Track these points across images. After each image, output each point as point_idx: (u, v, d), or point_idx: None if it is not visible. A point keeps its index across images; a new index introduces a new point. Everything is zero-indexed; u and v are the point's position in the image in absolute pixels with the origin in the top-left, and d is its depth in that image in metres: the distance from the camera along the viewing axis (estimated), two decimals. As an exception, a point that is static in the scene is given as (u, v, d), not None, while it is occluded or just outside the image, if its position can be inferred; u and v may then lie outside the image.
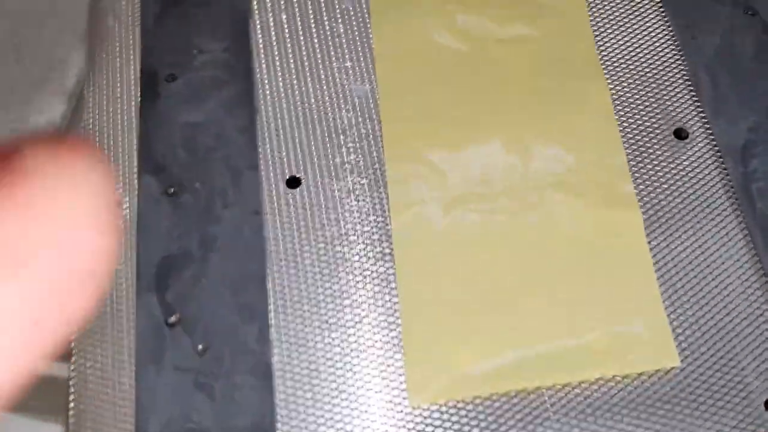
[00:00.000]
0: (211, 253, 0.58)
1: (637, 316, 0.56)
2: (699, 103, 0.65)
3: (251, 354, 0.54)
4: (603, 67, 0.66)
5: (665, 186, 0.61)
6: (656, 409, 0.53)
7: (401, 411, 0.53)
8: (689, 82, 0.66)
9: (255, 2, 0.70)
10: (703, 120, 0.64)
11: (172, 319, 0.56)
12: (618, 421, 0.52)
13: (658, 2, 0.70)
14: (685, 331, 0.56)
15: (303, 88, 0.66)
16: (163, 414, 0.53)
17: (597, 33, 0.68)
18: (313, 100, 0.65)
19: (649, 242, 0.59)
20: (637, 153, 0.63)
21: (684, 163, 0.62)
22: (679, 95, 0.65)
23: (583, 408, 0.53)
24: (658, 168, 0.62)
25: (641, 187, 0.61)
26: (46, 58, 0.93)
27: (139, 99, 0.65)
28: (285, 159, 0.63)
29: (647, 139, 0.63)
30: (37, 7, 0.97)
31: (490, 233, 0.59)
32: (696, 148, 0.63)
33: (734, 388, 0.54)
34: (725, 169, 0.62)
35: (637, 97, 0.65)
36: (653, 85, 0.66)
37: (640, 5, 0.70)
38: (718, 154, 0.62)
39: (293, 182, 0.62)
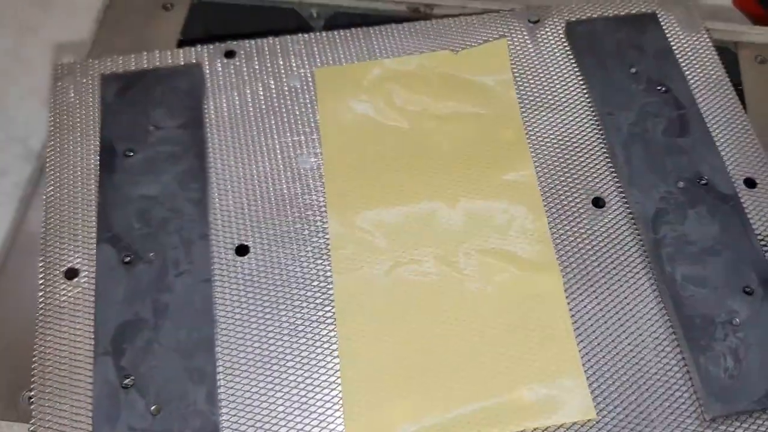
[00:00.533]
0: (164, 320, 0.62)
1: (558, 373, 0.61)
2: (615, 175, 0.71)
3: (200, 414, 0.58)
4: (528, 140, 0.73)
5: (584, 251, 0.67)
6: (574, 460, 0.58)
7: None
8: (607, 155, 0.72)
9: (209, 81, 0.76)
10: (619, 190, 0.70)
11: (127, 381, 0.60)
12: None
13: (581, 82, 0.76)
14: (600, 386, 0.61)
15: (252, 161, 0.71)
16: (116, 473, 0.56)
17: (524, 110, 0.74)
18: (261, 173, 0.71)
19: (569, 302, 0.64)
20: (558, 220, 0.68)
21: (601, 229, 0.68)
22: (598, 167, 0.72)
23: (507, 459, 0.58)
24: (578, 234, 0.68)
25: (562, 251, 0.67)
26: (10, 119, 0.96)
27: (98, 172, 0.69)
28: (234, 228, 0.68)
29: (568, 208, 0.69)
30: (3, 66, 1.00)
31: (425, 296, 0.65)
32: (612, 216, 0.69)
33: (645, 438, 0.59)
34: (639, 235, 0.68)
35: (559, 168, 0.71)
36: (574, 158, 0.72)
37: (565, 84, 0.77)
38: (633, 221, 0.68)
39: (242, 250, 0.67)
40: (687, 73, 0.77)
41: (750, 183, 0.70)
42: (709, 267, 0.65)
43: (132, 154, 0.71)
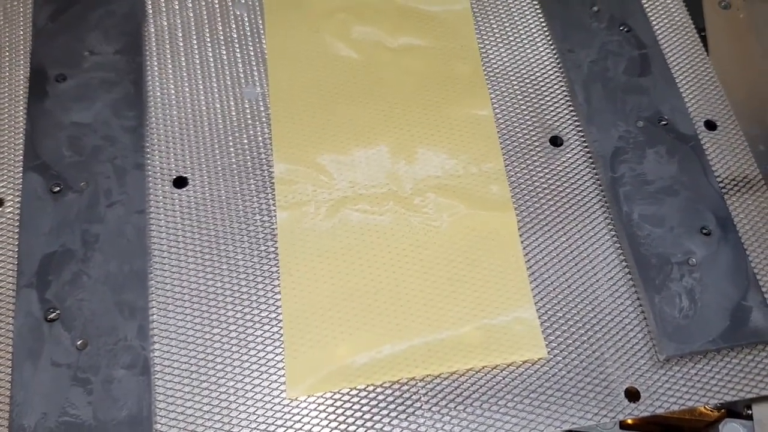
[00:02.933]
0: (94, 252, 0.58)
1: (508, 311, 0.58)
2: (574, 113, 0.68)
3: (130, 349, 0.55)
4: (486, 77, 0.69)
5: (540, 189, 0.64)
6: (523, 398, 0.55)
7: (280, 403, 0.54)
8: (566, 93, 0.69)
9: (149, 6, 0.71)
10: (578, 129, 0.67)
11: (52, 315, 0.56)
12: (486, 410, 0.55)
13: (540, 18, 0.73)
14: (552, 325, 0.58)
15: (194, 90, 0.67)
16: (39, 408, 0.53)
17: (482, 45, 0.71)
18: (203, 102, 0.67)
19: (523, 241, 0.62)
20: (515, 158, 0.66)
21: (558, 168, 0.66)
22: (557, 106, 0.69)
23: (454, 397, 0.55)
24: (534, 172, 0.65)
25: (517, 190, 0.64)
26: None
27: (27, 98, 0.65)
28: (173, 159, 0.64)
29: (524, 146, 0.66)
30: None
31: (373, 234, 0.61)
32: (570, 155, 0.66)
33: (597, 377, 0.56)
34: (596, 174, 0.65)
35: (517, 107, 0.69)
36: (532, 96, 0.69)
37: (524, 21, 0.74)
38: (591, 160, 0.66)
39: (180, 182, 0.63)
40: (650, 14, 0.74)
41: (710, 125, 0.69)
42: (666, 207, 0.63)
43: (64, 79, 0.66)
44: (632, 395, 0.56)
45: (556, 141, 0.67)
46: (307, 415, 0.54)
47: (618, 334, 0.58)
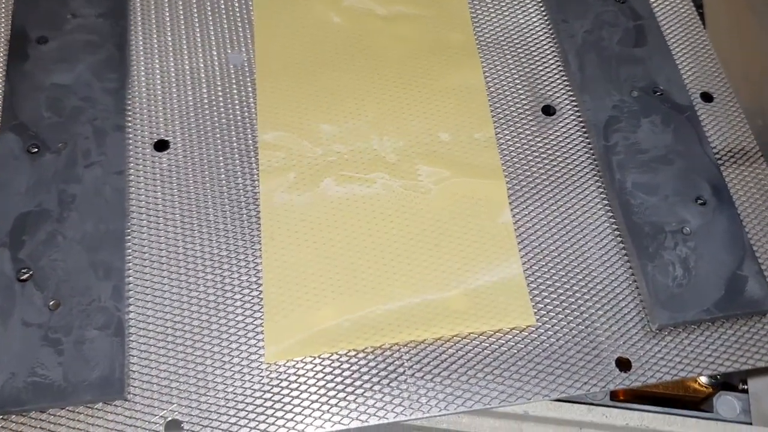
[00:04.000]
0: (70, 212, 0.57)
1: (496, 277, 0.56)
2: (567, 82, 0.67)
3: (104, 310, 0.53)
4: (478, 46, 0.68)
5: (531, 157, 0.63)
6: (510, 365, 0.53)
7: (258, 368, 0.53)
8: (559, 63, 0.68)
9: (134, -30, 0.70)
10: (571, 98, 0.66)
11: (24, 275, 0.54)
12: (471, 376, 0.53)
13: (534, -11, 0.72)
14: (542, 293, 0.57)
15: (178, 54, 0.66)
16: (8, 368, 0.51)
17: (474, 13, 0.70)
18: (187, 66, 0.65)
19: (513, 209, 0.60)
20: (506, 127, 0.64)
21: (550, 137, 0.64)
22: (549, 75, 0.67)
23: (438, 363, 0.53)
24: (525, 141, 0.64)
25: (508, 158, 0.62)
26: None
27: (6, 58, 0.63)
28: (154, 122, 0.62)
29: (516, 115, 0.65)
30: None
31: (358, 199, 0.60)
32: (562, 124, 0.65)
33: (587, 346, 0.55)
34: (589, 142, 0.63)
35: (509, 76, 0.67)
36: (525, 65, 0.68)
37: (517, -9, 0.72)
38: (583, 129, 0.64)
39: (161, 145, 0.61)
40: (646, -15, 0.73)
41: (706, 97, 0.67)
42: (660, 176, 0.61)
43: (46, 41, 0.64)
44: (623, 365, 0.54)
45: (548, 110, 0.66)
46: (285, 379, 0.52)
47: (609, 303, 0.56)
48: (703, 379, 0.61)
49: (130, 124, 0.61)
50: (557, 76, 0.67)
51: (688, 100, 0.65)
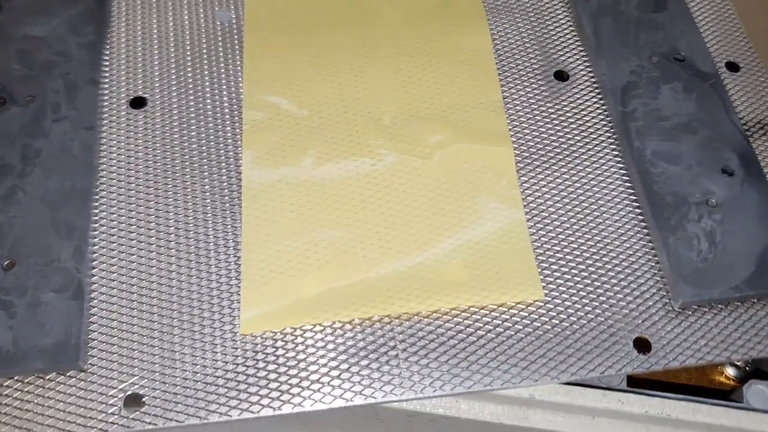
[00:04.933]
0: (33, 167, 0.52)
1: (500, 247, 0.51)
2: (582, 47, 0.61)
3: (63, 272, 0.48)
4: (486, 8, 0.63)
5: (542, 124, 0.57)
6: (515, 342, 0.47)
7: (232, 339, 0.47)
8: (572, 27, 0.63)
9: (119, -76, 0.65)
10: (585, 64, 0.61)
11: (-21, 234, 0.49)
12: (471, 353, 0.47)
13: (546, -47, 0.67)
14: (551, 266, 0.51)
15: (162, 9, 0.61)
16: (-49, 334, 0.45)
17: (480, -25, 0.65)
18: (171, 22, 0.60)
19: (521, 177, 0.54)
20: (515, 93, 0.59)
21: (563, 103, 0.59)
22: (562, 40, 0.62)
23: (434, 338, 0.47)
24: (536, 107, 0.58)
25: (516, 124, 0.57)
26: None
27: (-24, 10, 0.59)
28: (132, 78, 0.57)
29: (527, 80, 0.60)
30: None
31: (350, 164, 0.54)
32: (576, 89, 0.59)
33: (601, 324, 0.49)
34: (605, 109, 0.58)
35: (519, 40, 0.62)
36: (536, 29, 0.63)
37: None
38: (599, 96, 0.59)
39: (138, 102, 0.57)
40: (666, -47, 0.67)
41: (732, 67, 0.62)
42: (683, 144, 0.55)
43: (20, -7, 0.60)
44: (642, 346, 0.48)
45: (561, 75, 0.60)
46: (261, 352, 0.47)
47: (627, 278, 0.51)
48: (731, 371, 0.55)
49: (106, 79, 0.57)
50: (571, 41, 0.62)
51: (712, 67, 0.59)
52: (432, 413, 0.48)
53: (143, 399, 0.45)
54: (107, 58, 0.58)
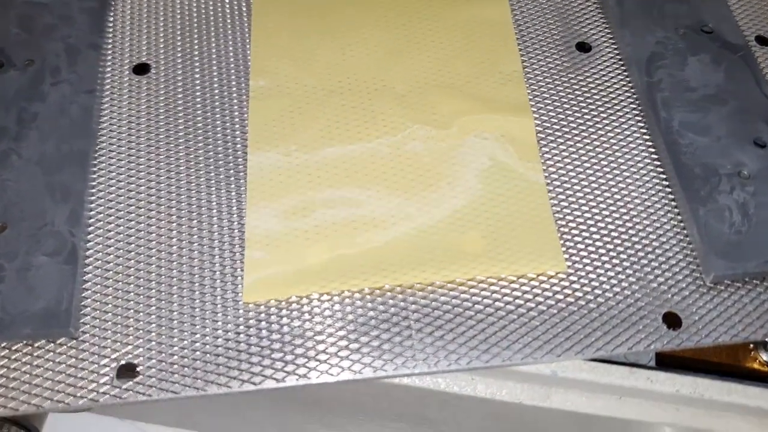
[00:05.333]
0: (29, 130, 0.49)
1: (520, 219, 0.48)
2: (605, 19, 0.59)
3: (57, 235, 0.45)
4: (503, -23, 0.61)
5: (563, 94, 0.55)
6: (536, 315, 0.44)
7: (234, 308, 0.44)
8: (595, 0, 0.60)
9: None
10: (608, 35, 0.58)
11: (-29, 197, 0.46)
12: (490, 324, 0.44)
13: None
14: (574, 237, 0.48)
15: (168, -24, 0.59)
16: (-63, 298, 0.43)
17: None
18: (177, -11, 0.58)
19: (542, 147, 0.52)
20: (536, 63, 0.56)
21: (585, 74, 0.56)
22: (584, 11, 0.60)
23: (448, 310, 0.44)
24: (557, 78, 0.56)
25: (537, 94, 0.55)
26: None
27: (-24, -26, 0.57)
28: (136, 44, 0.55)
29: (548, 51, 0.57)
30: None
31: (361, 130, 0.52)
32: (599, 61, 0.57)
33: (628, 298, 0.46)
34: (629, 81, 0.55)
35: (540, 10, 0.60)
36: (557, 1, 0.60)
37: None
38: (623, 67, 0.56)
39: (141, 69, 0.54)
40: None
41: (763, 41, 0.59)
42: (712, 115, 0.52)
43: (23, -40, 0.58)
44: (672, 321, 0.45)
45: (583, 47, 0.58)
46: (266, 320, 0.44)
47: (654, 251, 0.47)
48: (765, 356, 0.52)
49: (109, 45, 0.54)
50: (593, 12, 0.59)
51: (742, 40, 0.57)
52: (446, 392, 0.45)
53: (137, 369, 0.42)
54: (111, 23, 0.56)
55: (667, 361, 0.48)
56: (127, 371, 0.42)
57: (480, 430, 0.51)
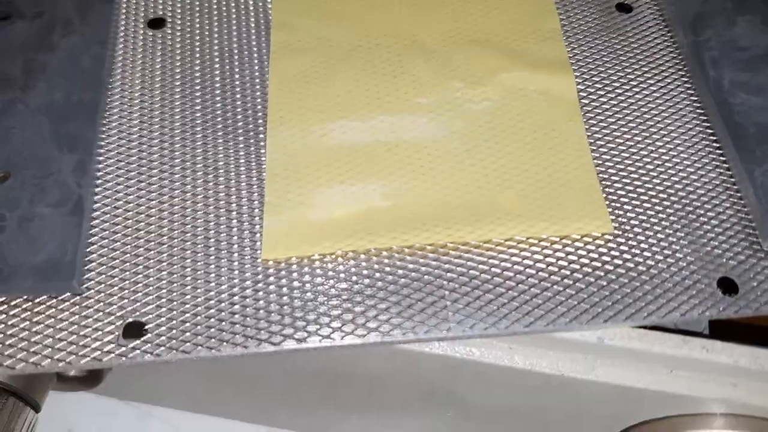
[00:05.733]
0: (37, 81, 0.46)
1: (562, 178, 0.44)
2: (645, -22, 0.55)
3: (62, 185, 0.42)
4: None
5: (604, 54, 0.51)
6: (580, 278, 0.41)
7: (252, 264, 0.41)
8: (634, -40, 0.57)
9: None
10: (650, -4, 0.55)
11: (-29, 147, 0.43)
12: (530, 286, 0.40)
13: None
14: (620, 198, 0.44)
15: (186, -68, 0.56)
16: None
17: None
18: (196, -57, 0.55)
19: (584, 107, 0.48)
20: (575, 23, 0.53)
21: (627, 34, 0.53)
22: (623, -28, 0.56)
23: (484, 270, 0.41)
24: (597, 37, 0.52)
25: (577, 52, 0.51)
26: None
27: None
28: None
29: (586, 10, 0.54)
30: None
31: (389, 84, 0.49)
32: (641, 21, 0.54)
33: (680, 261, 0.42)
34: (673, 41, 0.52)
35: (576, -29, 0.56)
36: (594, -39, 0.57)
37: None
38: (666, 28, 0.53)
39: (157, 23, 0.51)
40: None
41: (815, 4, 0.55)
42: (765, 75, 0.49)
43: None
44: (728, 287, 0.41)
45: (623, 7, 0.54)
46: (287, 277, 0.40)
47: (706, 214, 0.44)
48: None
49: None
50: (632, -27, 0.56)
51: (795, 2, 0.53)
52: (481, 362, 0.41)
53: (146, 327, 0.38)
54: (125, -23, 0.53)
55: (720, 333, 0.44)
56: (135, 330, 0.38)
57: (512, 410, 0.47)
